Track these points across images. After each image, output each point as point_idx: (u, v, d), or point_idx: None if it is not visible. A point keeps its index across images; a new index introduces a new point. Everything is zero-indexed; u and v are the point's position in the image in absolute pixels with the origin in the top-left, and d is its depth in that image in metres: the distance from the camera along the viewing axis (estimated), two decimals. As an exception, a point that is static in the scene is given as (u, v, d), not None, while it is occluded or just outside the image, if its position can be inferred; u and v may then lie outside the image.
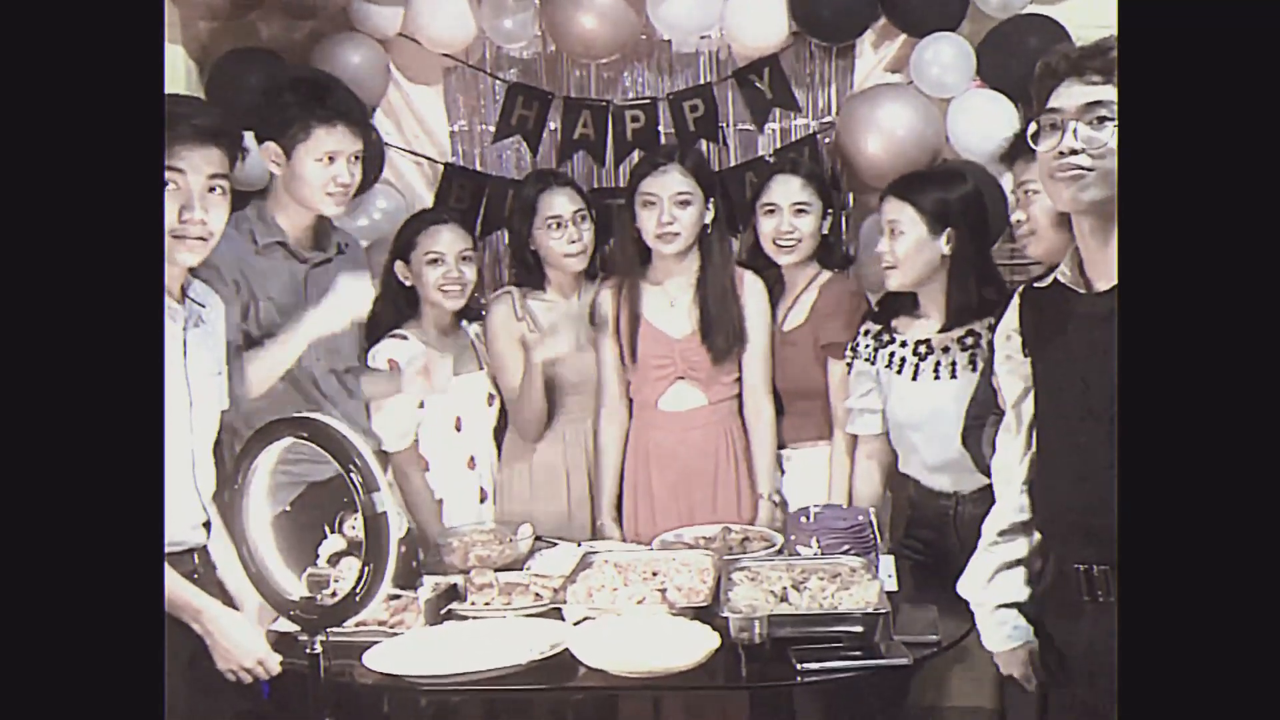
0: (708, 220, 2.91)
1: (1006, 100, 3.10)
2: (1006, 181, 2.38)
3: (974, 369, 2.55)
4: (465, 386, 2.99)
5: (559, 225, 2.96)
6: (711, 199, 2.91)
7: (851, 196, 3.38)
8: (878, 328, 2.75)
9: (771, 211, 2.88)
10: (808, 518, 2.53)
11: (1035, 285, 1.89)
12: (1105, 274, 1.72)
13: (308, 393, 2.62)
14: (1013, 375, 1.94)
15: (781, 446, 2.96)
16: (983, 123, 3.07)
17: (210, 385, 2.15)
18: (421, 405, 2.92)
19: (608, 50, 3.33)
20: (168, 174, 1.96)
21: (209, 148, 2.01)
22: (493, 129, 3.54)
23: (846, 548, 2.44)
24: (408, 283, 2.95)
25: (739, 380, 2.95)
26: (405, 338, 2.91)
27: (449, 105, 3.58)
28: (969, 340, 2.60)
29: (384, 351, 2.89)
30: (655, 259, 2.95)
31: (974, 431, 2.37)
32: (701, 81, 3.50)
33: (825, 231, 2.91)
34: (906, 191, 2.63)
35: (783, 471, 2.97)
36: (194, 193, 1.99)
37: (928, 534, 2.68)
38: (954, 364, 2.61)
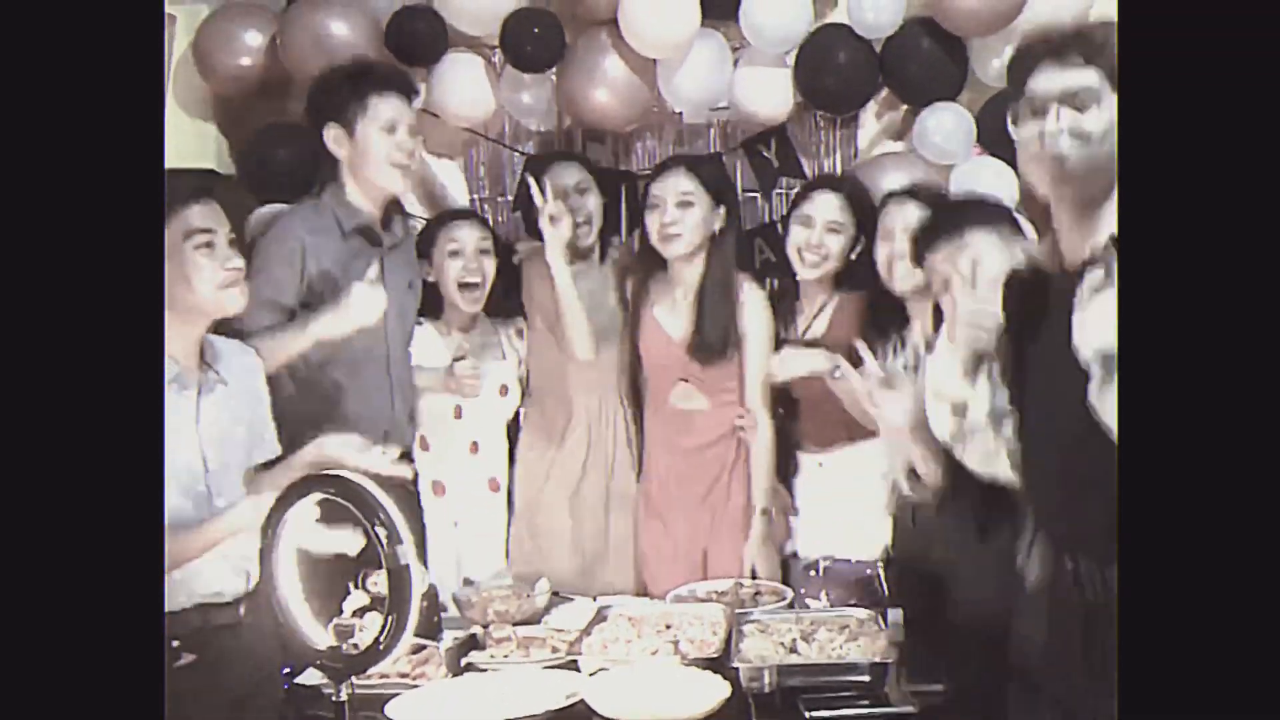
0: (716, 227, 2.97)
1: (1007, 166, 3.20)
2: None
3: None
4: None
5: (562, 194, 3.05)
6: (723, 206, 2.98)
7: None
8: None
9: (805, 224, 2.92)
10: (817, 572, 2.60)
11: (1015, 270, 1.87)
12: (1078, 253, 1.70)
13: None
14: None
15: (797, 448, 2.99)
16: (984, 189, 3.17)
17: (235, 441, 2.18)
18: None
19: (621, 123, 3.45)
20: (200, 238, 2.06)
21: (214, 204, 2.12)
22: (511, 199, 3.67)
23: (854, 600, 2.50)
24: (430, 279, 3.03)
25: (737, 388, 3.00)
26: (420, 323, 3.01)
27: (469, 176, 3.71)
28: None
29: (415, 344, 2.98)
30: (669, 263, 3.02)
31: None
32: (711, 151, 3.62)
33: (853, 257, 2.93)
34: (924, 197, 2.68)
35: (793, 478, 2.99)
36: (224, 246, 2.10)
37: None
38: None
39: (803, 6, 3.25)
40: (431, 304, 3.05)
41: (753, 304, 2.98)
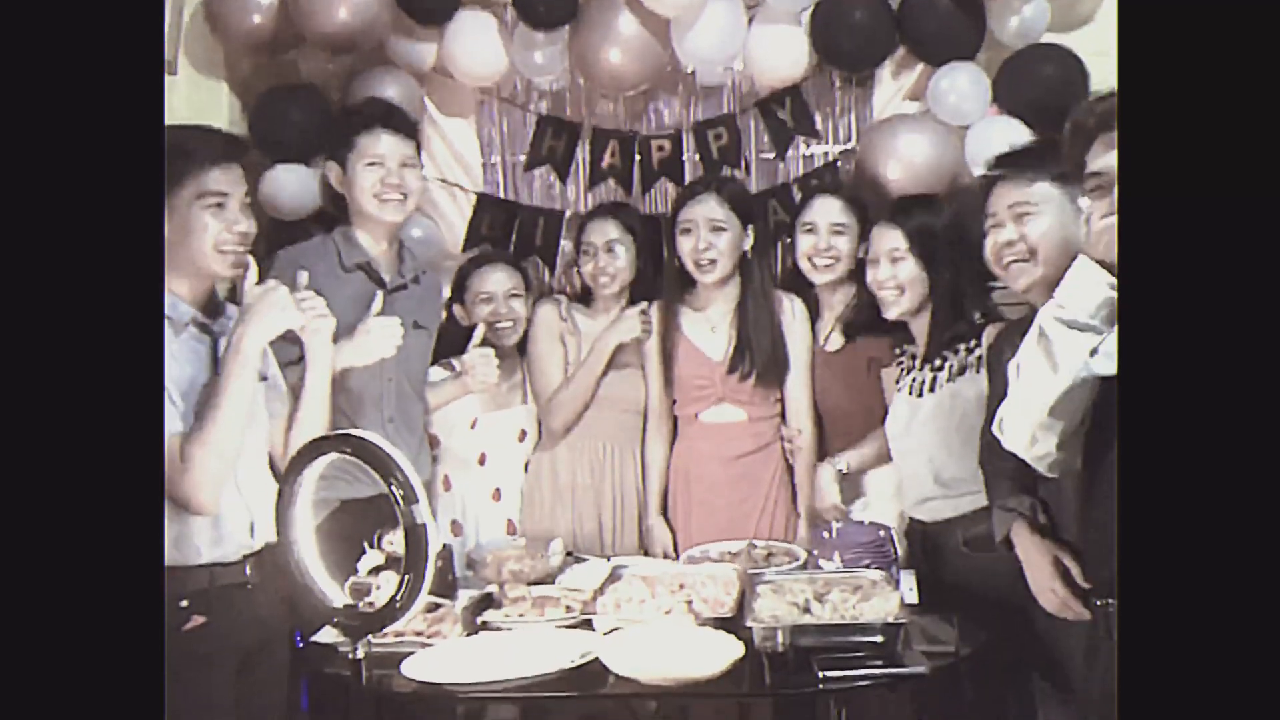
0: (747, 246, 3.00)
1: (1023, 125, 3.18)
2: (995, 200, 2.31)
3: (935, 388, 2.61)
4: (497, 423, 3.13)
5: (590, 251, 3.12)
6: (750, 225, 3.00)
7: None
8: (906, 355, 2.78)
9: (810, 230, 2.97)
10: (830, 533, 2.61)
11: None
12: None
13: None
14: None
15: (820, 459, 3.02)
16: (1000, 148, 3.14)
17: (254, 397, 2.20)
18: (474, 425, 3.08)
19: (634, 82, 3.43)
20: (212, 199, 2.10)
21: (237, 167, 2.16)
22: (524, 159, 3.65)
23: (867, 561, 2.51)
24: (464, 322, 3.10)
25: (780, 400, 3.04)
26: (453, 367, 3.03)
27: (481, 137, 3.70)
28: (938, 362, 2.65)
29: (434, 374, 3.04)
30: (698, 285, 3.04)
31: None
32: (725, 111, 3.60)
33: (862, 255, 2.96)
34: (900, 218, 2.69)
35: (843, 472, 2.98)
36: (236, 209, 2.14)
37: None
38: (934, 382, 2.64)
39: (818, -36, 3.22)
40: (454, 346, 3.07)
41: (795, 319, 3.03)
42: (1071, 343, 1.72)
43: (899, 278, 2.65)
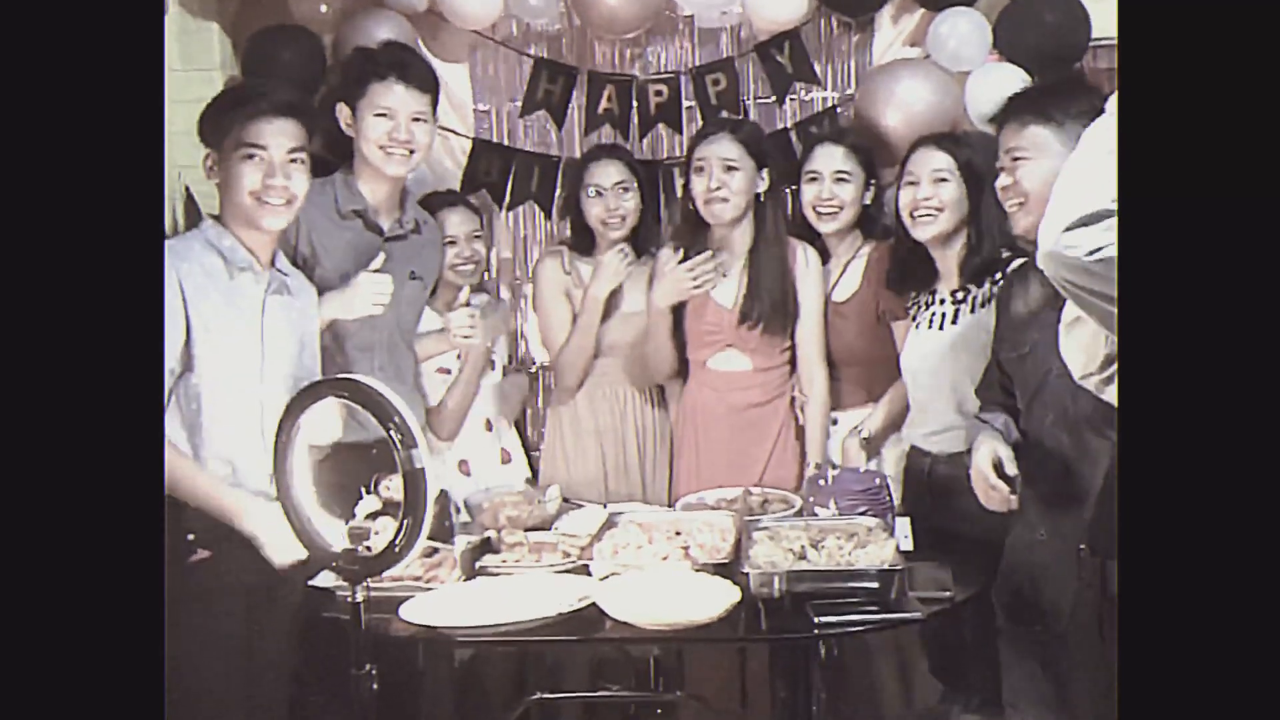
0: (760, 190, 2.97)
1: (1023, 73, 3.15)
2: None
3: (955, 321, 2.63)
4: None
5: (599, 194, 3.08)
6: (764, 169, 2.97)
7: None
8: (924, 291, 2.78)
9: (814, 179, 2.95)
10: (825, 480, 2.61)
11: None
12: None
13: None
14: None
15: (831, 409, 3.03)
16: (1000, 95, 3.11)
17: (287, 347, 2.28)
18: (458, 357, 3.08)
19: (631, 25, 3.39)
20: (248, 150, 2.19)
21: (285, 121, 2.22)
22: (519, 104, 3.62)
23: (863, 509, 2.51)
24: None
25: (789, 349, 3.02)
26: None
27: (476, 81, 3.66)
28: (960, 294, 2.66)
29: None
30: (711, 230, 3.02)
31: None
32: (723, 56, 3.57)
33: (867, 202, 2.98)
34: (948, 145, 2.68)
35: (835, 422, 3.02)
36: (275, 163, 2.20)
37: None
38: (956, 314, 2.66)
39: (819, -95, 3.17)
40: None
41: (808, 267, 2.99)
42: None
43: (941, 198, 2.62)
